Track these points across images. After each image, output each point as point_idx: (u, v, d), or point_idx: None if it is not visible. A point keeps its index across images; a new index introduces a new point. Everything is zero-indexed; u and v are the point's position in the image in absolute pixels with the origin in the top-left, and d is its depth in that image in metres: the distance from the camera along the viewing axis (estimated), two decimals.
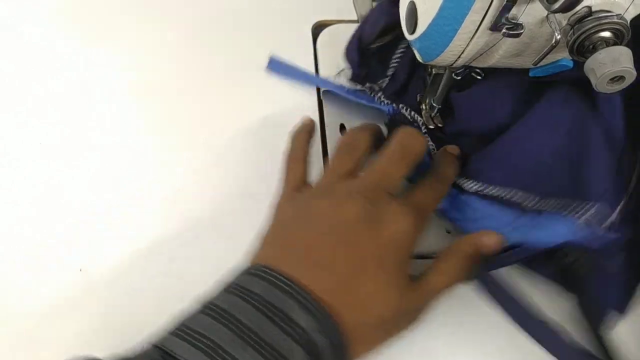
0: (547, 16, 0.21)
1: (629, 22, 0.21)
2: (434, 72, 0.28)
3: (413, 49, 0.25)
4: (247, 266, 0.24)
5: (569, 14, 0.21)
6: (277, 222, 0.27)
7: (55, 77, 0.38)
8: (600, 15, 0.21)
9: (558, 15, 0.21)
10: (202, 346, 0.20)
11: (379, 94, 0.33)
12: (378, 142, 0.29)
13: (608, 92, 0.22)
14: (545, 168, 0.27)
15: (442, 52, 0.24)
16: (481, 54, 0.24)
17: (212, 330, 0.21)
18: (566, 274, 0.28)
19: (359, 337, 0.23)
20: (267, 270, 0.23)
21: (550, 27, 0.22)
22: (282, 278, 0.22)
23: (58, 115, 0.36)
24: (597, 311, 0.27)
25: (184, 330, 0.21)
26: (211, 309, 0.22)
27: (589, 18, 0.21)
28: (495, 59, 0.24)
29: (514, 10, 0.21)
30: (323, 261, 0.23)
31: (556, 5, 0.20)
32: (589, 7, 0.21)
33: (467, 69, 0.28)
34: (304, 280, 0.22)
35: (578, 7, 0.21)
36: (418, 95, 0.31)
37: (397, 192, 0.27)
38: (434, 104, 0.29)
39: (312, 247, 0.24)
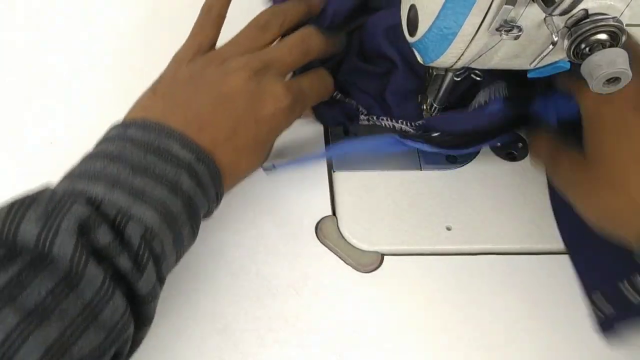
0: (545, 19, 0.22)
1: (624, 24, 0.22)
2: (434, 73, 0.28)
3: (414, 50, 0.26)
4: (136, 118, 0.26)
5: (566, 16, 0.22)
6: (169, 79, 0.28)
7: (60, 75, 0.39)
8: (596, 18, 0.21)
9: (556, 18, 0.22)
10: (104, 180, 0.23)
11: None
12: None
13: (604, 92, 0.22)
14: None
15: (443, 54, 0.24)
16: (481, 56, 0.24)
17: (108, 169, 0.23)
18: None
19: (228, 176, 0.27)
20: (156, 124, 0.25)
21: (548, 29, 0.22)
22: (156, 123, 0.25)
23: (68, 114, 0.37)
24: None
25: (78, 175, 0.24)
26: (101, 154, 0.24)
27: (586, 21, 0.22)
28: (494, 61, 0.25)
29: (512, 13, 0.22)
30: (205, 122, 0.26)
31: (554, 8, 0.20)
32: (586, 10, 0.21)
33: (467, 70, 0.28)
34: (173, 124, 0.25)
35: (575, 10, 0.21)
36: (419, 96, 0.31)
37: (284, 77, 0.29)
38: (435, 105, 0.30)
39: (196, 109, 0.26)
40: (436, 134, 0.30)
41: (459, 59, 0.24)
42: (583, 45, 0.22)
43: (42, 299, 0.19)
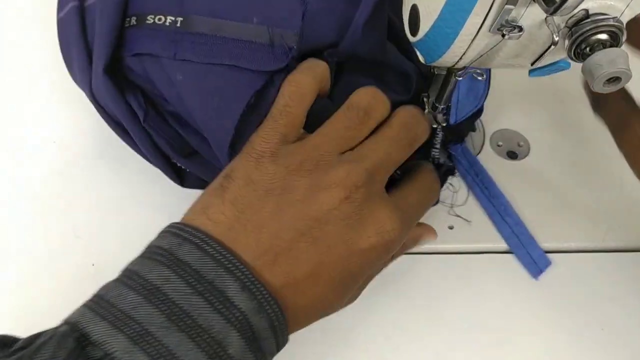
0: (545, 19, 0.22)
1: (624, 24, 0.22)
2: (436, 72, 0.28)
3: (416, 50, 0.26)
4: (183, 225, 0.20)
5: (567, 16, 0.22)
6: (244, 180, 0.21)
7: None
8: (597, 18, 0.21)
9: (556, 18, 0.21)
10: (127, 330, 0.17)
11: None
12: None
13: (604, 92, 0.22)
14: None
15: (444, 53, 0.24)
16: (482, 56, 0.24)
17: (139, 311, 0.18)
18: None
19: (296, 321, 0.21)
20: (207, 239, 0.19)
21: (549, 29, 0.22)
22: (218, 247, 0.19)
23: (72, 113, 0.37)
24: None
25: (105, 307, 0.18)
26: (138, 283, 0.19)
27: (586, 21, 0.22)
28: (496, 61, 0.25)
29: (513, 13, 0.22)
30: (282, 252, 0.20)
31: (555, 8, 0.20)
32: (586, 10, 0.21)
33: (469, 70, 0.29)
34: (249, 263, 0.20)
35: (576, 10, 0.21)
36: (422, 96, 0.31)
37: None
38: (437, 104, 0.30)
39: (274, 233, 0.20)
40: None
41: (461, 58, 0.24)
42: (584, 45, 0.22)
43: None
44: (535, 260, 0.31)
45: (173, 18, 0.26)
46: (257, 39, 0.25)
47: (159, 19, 0.26)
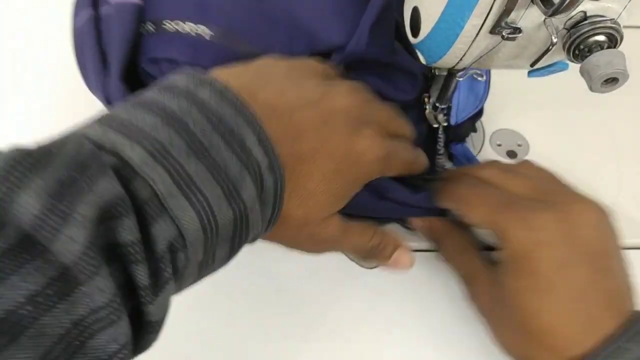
0: (544, 20, 0.22)
1: (621, 26, 0.22)
2: (437, 73, 0.29)
3: (417, 51, 0.26)
4: (216, 79, 0.20)
5: (565, 18, 0.22)
6: (269, 60, 0.24)
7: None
8: (594, 19, 0.22)
9: (555, 20, 0.22)
10: (149, 145, 0.16)
11: None
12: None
13: (603, 92, 0.23)
14: None
15: (445, 54, 0.24)
16: (482, 57, 0.25)
17: (159, 132, 0.17)
18: None
19: (293, 198, 0.21)
20: (232, 91, 0.19)
21: (548, 31, 0.22)
22: (239, 98, 0.19)
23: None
24: None
25: (119, 123, 0.17)
26: (156, 107, 0.18)
27: (584, 22, 0.22)
28: (496, 62, 0.25)
29: (512, 15, 0.22)
30: (288, 113, 0.21)
31: (553, 10, 0.21)
32: (584, 12, 0.22)
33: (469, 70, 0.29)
34: (263, 118, 0.19)
35: (574, 12, 0.22)
36: (423, 96, 0.31)
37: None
38: (438, 105, 0.30)
39: (288, 101, 0.21)
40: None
41: (461, 59, 0.25)
42: (582, 47, 0.22)
43: (17, 306, 0.13)
44: None
45: (193, 24, 0.27)
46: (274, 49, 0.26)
47: (177, 24, 0.27)
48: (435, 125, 0.32)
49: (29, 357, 0.14)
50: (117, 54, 0.26)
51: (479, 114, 0.35)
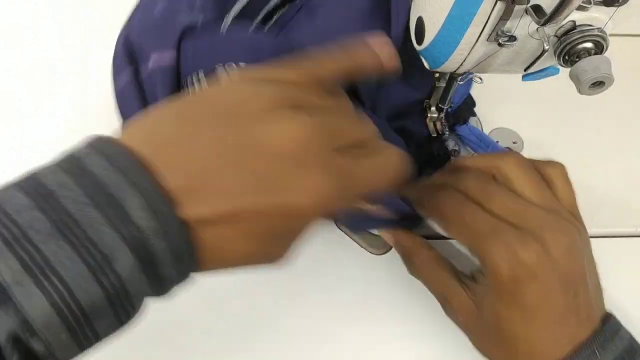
0: (537, 29, 0.24)
1: (607, 34, 0.24)
2: (436, 84, 0.30)
3: (421, 57, 0.28)
4: (103, 138, 0.18)
5: (556, 27, 0.24)
6: (192, 93, 0.20)
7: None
8: (583, 28, 0.23)
9: (547, 29, 0.23)
10: (6, 233, 0.16)
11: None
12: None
13: (590, 95, 0.24)
14: None
15: (447, 60, 0.26)
16: (480, 62, 0.26)
17: (23, 215, 0.16)
18: None
19: (210, 258, 0.18)
20: (120, 151, 0.17)
21: (540, 38, 0.24)
22: (132, 166, 0.17)
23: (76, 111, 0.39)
24: None
25: None
26: (32, 185, 0.17)
27: (574, 31, 0.23)
28: (493, 67, 0.27)
29: (508, 24, 0.23)
30: (199, 172, 0.17)
31: (545, 20, 0.22)
32: (574, 22, 0.23)
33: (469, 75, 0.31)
34: (164, 179, 0.17)
35: (564, 22, 0.23)
36: (424, 103, 0.33)
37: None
38: (440, 105, 0.32)
39: (197, 147, 0.18)
40: None
41: (462, 64, 0.26)
42: (571, 53, 0.24)
43: None
44: None
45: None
46: None
47: (229, 65, 0.27)
48: (434, 135, 0.34)
49: None
50: None
51: (471, 100, 0.36)
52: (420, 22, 0.26)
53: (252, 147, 0.18)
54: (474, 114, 0.38)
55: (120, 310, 0.17)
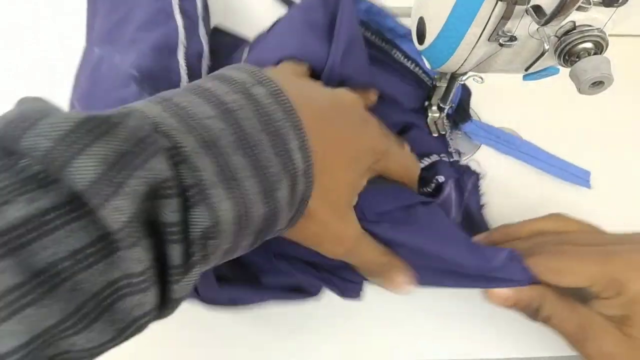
0: (537, 29, 0.24)
1: (607, 34, 0.24)
2: (437, 85, 0.30)
3: (422, 57, 0.28)
4: (252, 66, 0.21)
5: (556, 27, 0.24)
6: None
7: None
8: (583, 29, 0.23)
9: (547, 29, 0.24)
10: (202, 136, 0.17)
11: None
12: None
13: (590, 95, 0.24)
14: None
15: (448, 60, 0.26)
16: (481, 62, 0.26)
17: (212, 123, 0.17)
18: None
19: (318, 197, 0.22)
20: (284, 95, 0.20)
21: (540, 38, 0.24)
22: (290, 105, 0.20)
23: None
24: None
25: (177, 107, 0.17)
26: (211, 96, 0.18)
27: (574, 31, 0.24)
28: (493, 66, 0.27)
29: (508, 24, 0.24)
30: (325, 122, 0.22)
31: (545, 21, 0.22)
32: (574, 22, 0.23)
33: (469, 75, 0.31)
34: (304, 119, 0.20)
35: (564, 22, 0.23)
36: (425, 103, 0.33)
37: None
38: (442, 105, 0.32)
39: (320, 107, 0.23)
40: None
41: (462, 64, 0.26)
42: (571, 53, 0.24)
43: (59, 260, 0.14)
44: (577, 175, 0.36)
45: None
46: None
47: None
48: (435, 135, 0.34)
49: (62, 309, 0.14)
50: None
51: (465, 93, 0.37)
52: (421, 23, 0.26)
53: (361, 133, 0.25)
54: (470, 117, 0.38)
55: (265, 232, 0.19)
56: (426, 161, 0.33)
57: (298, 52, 0.27)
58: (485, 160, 0.37)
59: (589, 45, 0.23)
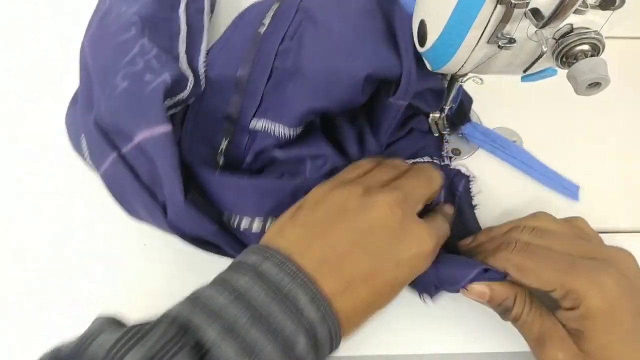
0: (535, 32, 0.24)
1: (604, 37, 0.24)
2: (440, 78, 0.31)
3: (424, 58, 0.28)
4: (262, 245, 0.24)
5: (554, 30, 0.24)
6: (312, 205, 0.26)
7: None
8: (580, 31, 0.24)
9: (545, 31, 0.24)
10: (219, 323, 0.21)
11: None
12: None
13: (587, 95, 0.24)
14: None
15: (448, 61, 0.26)
16: (481, 64, 0.27)
17: (227, 311, 0.21)
18: None
19: (349, 326, 0.24)
20: (284, 259, 0.23)
21: (538, 41, 0.24)
22: (294, 266, 0.23)
23: None
24: None
25: (201, 303, 0.22)
26: (228, 287, 0.22)
27: (571, 33, 0.24)
28: (493, 68, 0.27)
29: (507, 27, 0.24)
30: (336, 259, 0.24)
31: (543, 23, 0.23)
32: (571, 25, 0.24)
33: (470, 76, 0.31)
34: (315, 274, 0.23)
35: (562, 25, 0.24)
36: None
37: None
38: (443, 106, 0.32)
39: (329, 242, 0.24)
40: None
41: (463, 66, 0.27)
42: (569, 55, 0.24)
43: None
44: (567, 187, 0.36)
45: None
46: None
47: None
48: (436, 134, 0.34)
49: None
50: (175, 184, 0.26)
51: (459, 95, 0.37)
52: (422, 25, 0.27)
53: (366, 228, 0.25)
54: (469, 120, 0.38)
55: None
56: (419, 162, 0.34)
57: (377, 67, 0.28)
58: (480, 162, 0.38)
59: (586, 47, 0.24)
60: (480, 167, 0.37)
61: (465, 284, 0.27)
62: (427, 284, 0.28)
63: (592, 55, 0.24)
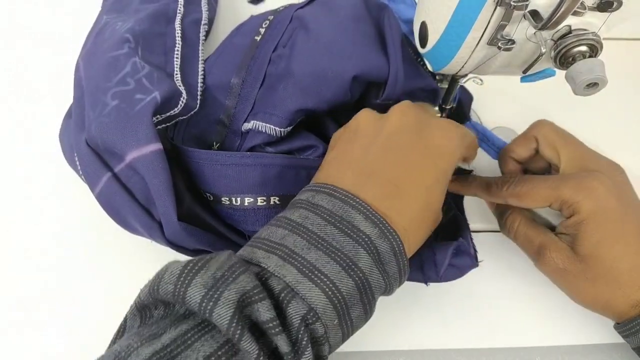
0: (534, 33, 0.24)
1: (601, 38, 0.24)
2: (441, 78, 0.31)
3: (424, 59, 0.29)
4: (311, 184, 0.26)
5: (553, 31, 0.24)
6: (347, 135, 0.28)
7: None
8: (578, 32, 0.24)
9: (544, 33, 0.24)
10: (279, 252, 0.22)
11: None
12: None
13: (585, 96, 0.25)
14: None
15: (449, 62, 0.27)
16: (481, 65, 0.27)
17: (286, 240, 0.22)
18: None
19: (409, 238, 0.25)
20: (330, 186, 0.24)
21: (537, 42, 0.24)
22: (344, 192, 0.24)
23: None
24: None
25: (260, 241, 0.23)
26: (285, 222, 0.24)
27: (569, 35, 0.24)
28: (493, 69, 0.27)
29: (507, 29, 0.24)
30: (373, 172, 0.25)
31: (542, 25, 0.23)
32: (569, 26, 0.24)
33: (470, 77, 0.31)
34: (362, 194, 0.24)
35: (560, 26, 0.24)
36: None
37: None
38: (443, 105, 0.32)
39: (361, 161, 0.25)
40: None
41: (463, 66, 0.27)
42: (567, 56, 0.24)
43: None
44: None
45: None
46: None
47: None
48: None
49: None
50: (168, 202, 0.26)
51: (464, 95, 0.37)
52: (423, 27, 0.27)
53: (390, 133, 0.26)
54: (469, 118, 0.39)
55: (365, 299, 0.23)
56: None
57: (365, 69, 0.29)
58: (476, 159, 0.38)
59: (584, 48, 0.24)
60: (480, 167, 0.38)
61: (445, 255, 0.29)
62: (428, 270, 0.30)
63: (590, 57, 0.24)
